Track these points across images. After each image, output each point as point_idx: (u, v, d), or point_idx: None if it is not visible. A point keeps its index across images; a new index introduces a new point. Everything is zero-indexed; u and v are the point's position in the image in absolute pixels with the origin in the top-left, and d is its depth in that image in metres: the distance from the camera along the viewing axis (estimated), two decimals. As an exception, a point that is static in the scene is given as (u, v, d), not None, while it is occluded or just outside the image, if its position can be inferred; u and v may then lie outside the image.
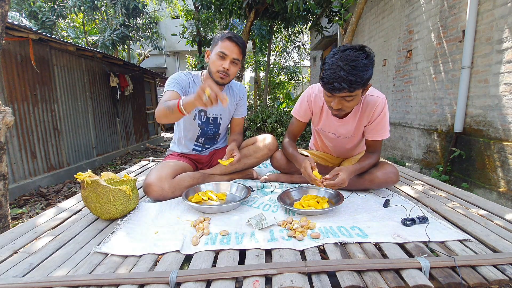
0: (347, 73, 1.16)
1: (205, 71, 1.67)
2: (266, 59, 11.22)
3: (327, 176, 1.32)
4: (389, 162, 1.56)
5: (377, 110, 1.42)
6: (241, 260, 0.91)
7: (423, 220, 1.12)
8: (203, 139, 1.77)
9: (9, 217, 1.80)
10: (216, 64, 1.52)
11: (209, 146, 1.81)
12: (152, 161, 2.54)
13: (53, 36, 3.87)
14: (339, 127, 1.55)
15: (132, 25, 8.25)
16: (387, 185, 1.49)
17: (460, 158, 2.80)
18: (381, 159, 1.59)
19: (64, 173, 4.34)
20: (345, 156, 1.80)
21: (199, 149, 1.79)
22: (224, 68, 1.50)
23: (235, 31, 7.43)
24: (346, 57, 1.18)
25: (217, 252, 0.96)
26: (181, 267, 0.89)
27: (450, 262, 0.83)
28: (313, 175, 1.33)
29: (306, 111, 1.58)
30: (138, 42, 9.88)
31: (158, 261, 0.93)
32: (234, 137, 1.77)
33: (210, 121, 1.72)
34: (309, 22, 6.69)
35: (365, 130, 1.53)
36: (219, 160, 1.51)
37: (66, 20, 9.05)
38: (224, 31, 1.55)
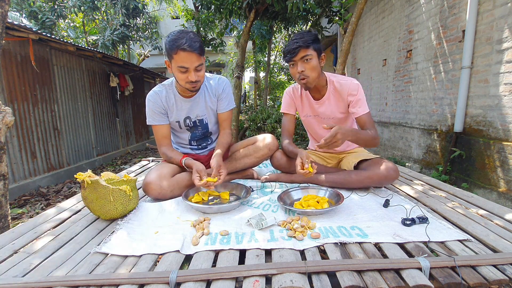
0: (298, 38, 1.48)
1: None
2: (266, 59, 11.22)
3: (324, 126, 1.34)
4: (387, 160, 1.56)
5: (351, 90, 1.58)
6: (241, 260, 0.91)
7: (423, 220, 1.12)
8: (195, 141, 1.77)
9: (9, 217, 1.80)
10: (181, 77, 1.43)
11: (205, 144, 1.81)
12: (152, 161, 2.54)
13: (53, 36, 3.87)
14: (319, 108, 1.71)
15: (132, 25, 8.26)
16: (387, 182, 1.48)
17: (460, 158, 2.80)
18: (380, 158, 1.60)
19: (64, 173, 4.34)
20: (339, 149, 1.82)
21: (196, 149, 1.80)
22: (190, 80, 1.42)
23: (235, 31, 7.42)
24: (294, 35, 1.52)
25: (217, 252, 0.96)
26: (181, 267, 0.89)
27: (450, 262, 0.83)
28: (301, 170, 1.37)
29: (290, 102, 1.79)
30: (138, 42, 9.88)
31: (158, 261, 0.93)
32: (221, 140, 1.67)
33: (197, 123, 1.70)
34: (309, 22, 6.69)
35: (350, 111, 1.62)
36: (207, 179, 1.38)
37: (66, 20, 9.04)
38: (172, 36, 1.38)
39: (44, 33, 3.68)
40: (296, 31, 9.19)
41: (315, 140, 1.89)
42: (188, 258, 0.94)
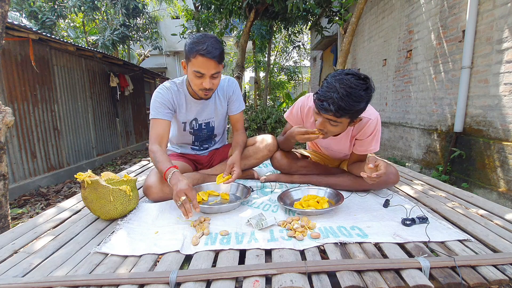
0: (340, 97, 1.12)
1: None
2: (266, 59, 11.22)
3: (370, 166, 1.21)
4: (388, 163, 1.56)
5: (366, 130, 1.38)
6: (241, 260, 0.91)
7: (423, 220, 1.12)
8: (198, 142, 1.76)
9: (9, 217, 1.80)
10: (195, 82, 1.39)
11: (207, 146, 1.80)
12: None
13: (53, 36, 3.87)
14: (332, 143, 1.57)
15: (132, 25, 8.26)
16: (387, 186, 1.49)
17: (460, 158, 2.80)
18: (381, 159, 1.59)
19: (64, 173, 4.34)
20: (341, 159, 1.80)
21: (197, 150, 1.79)
22: (204, 87, 1.38)
23: (235, 31, 7.42)
24: (346, 82, 1.14)
25: (217, 252, 0.96)
26: (181, 267, 0.89)
27: (450, 262, 0.83)
28: (310, 130, 1.29)
29: (298, 119, 1.56)
30: (138, 42, 9.88)
31: (158, 261, 0.93)
32: (237, 140, 1.65)
33: (203, 126, 1.68)
34: (309, 22, 6.69)
35: (354, 143, 1.49)
36: (217, 177, 1.42)
37: (66, 20, 9.05)
38: (194, 38, 1.34)
39: (44, 33, 3.68)
40: (296, 31, 9.18)
41: (314, 145, 1.85)
42: (188, 258, 0.94)
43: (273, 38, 10.62)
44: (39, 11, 6.93)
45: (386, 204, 1.30)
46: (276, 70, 13.94)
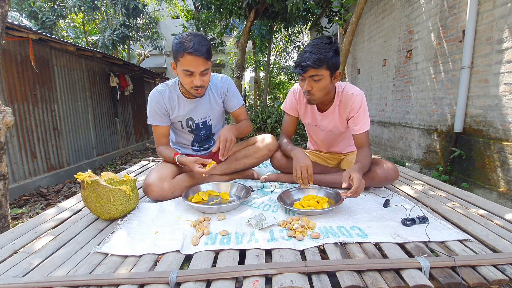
0: (311, 53, 1.33)
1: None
2: (266, 59, 11.21)
3: (344, 185, 1.23)
4: (387, 160, 1.56)
5: (354, 105, 1.50)
6: (241, 260, 0.91)
7: (423, 220, 1.12)
8: (197, 143, 1.77)
9: (9, 217, 1.80)
10: (186, 81, 1.41)
11: (207, 146, 1.81)
12: (152, 161, 2.54)
13: (53, 36, 3.87)
14: (322, 120, 1.65)
15: (132, 25, 8.26)
16: (387, 182, 1.49)
17: (460, 158, 2.80)
18: (380, 158, 1.59)
19: (64, 173, 4.34)
20: (336, 149, 1.83)
21: (198, 150, 1.79)
22: (195, 85, 1.41)
23: (235, 31, 7.42)
24: (311, 43, 1.39)
25: (217, 252, 0.96)
26: (181, 267, 0.89)
27: (450, 262, 0.83)
28: (308, 176, 1.36)
29: (293, 103, 1.69)
30: (138, 42, 9.88)
31: (158, 261, 0.93)
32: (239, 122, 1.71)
33: (200, 126, 1.68)
34: (309, 22, 6.69)
35: (349, 126, 1.58)
36: (211, 163, 1.41)
37: (66, 20, 9.05)
38: (180, 38, 1.35)
39: (44, 33, 3.68)
40: (296, 31, 9.18)
41: (315, 143, 1.89)
42: (188, 258, 0.94)
43: (273, 38, 10.61)
44: (39, 11, 6.93)
45: (386, 204, 1.30)
46: (276, 70, 13.93)
